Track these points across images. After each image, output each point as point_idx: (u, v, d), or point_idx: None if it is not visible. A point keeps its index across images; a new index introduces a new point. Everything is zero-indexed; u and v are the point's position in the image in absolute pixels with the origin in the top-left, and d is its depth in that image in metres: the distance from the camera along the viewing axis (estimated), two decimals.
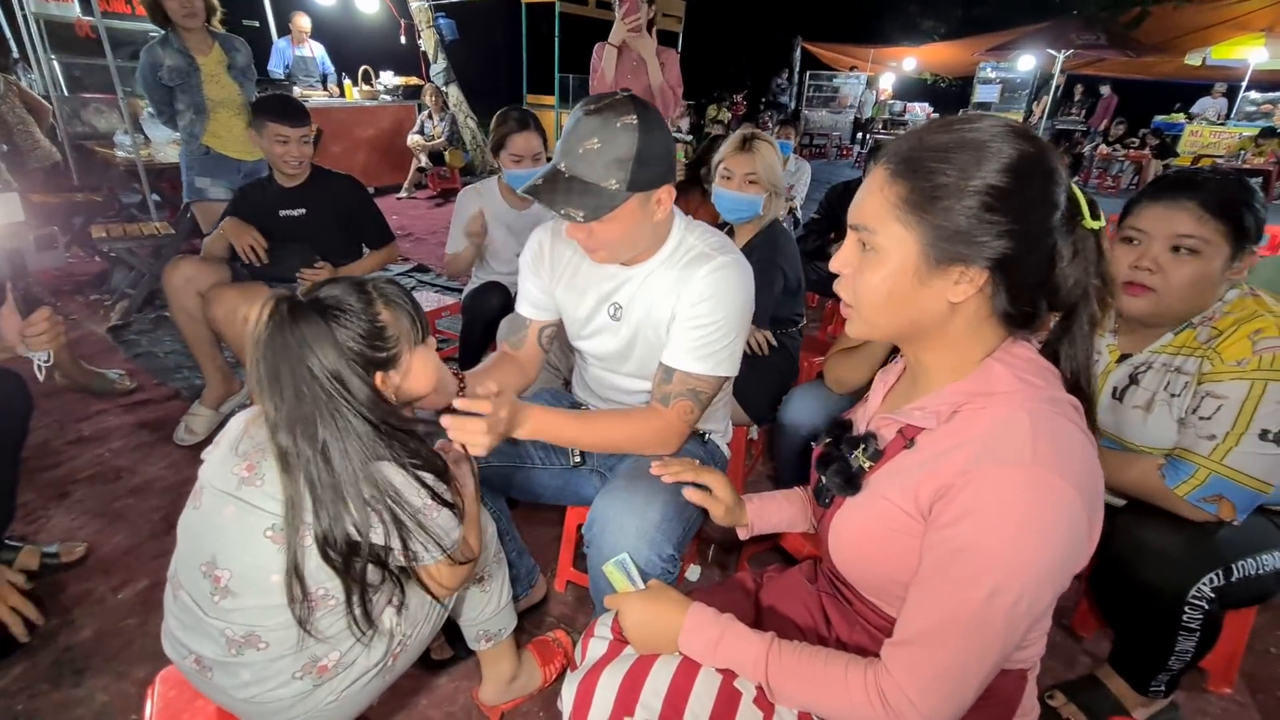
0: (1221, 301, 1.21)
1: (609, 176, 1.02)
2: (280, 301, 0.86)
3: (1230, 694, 1.46)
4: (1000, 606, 0.63)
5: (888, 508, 0.74)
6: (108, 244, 3.35)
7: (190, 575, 0.90)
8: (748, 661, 0.76)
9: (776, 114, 10.54)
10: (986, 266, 0.67)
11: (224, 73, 2.88)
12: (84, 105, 4.72)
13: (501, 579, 1.22)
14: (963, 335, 0.73)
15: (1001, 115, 0.70)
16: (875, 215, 0.71)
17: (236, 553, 0.87)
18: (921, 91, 15.70)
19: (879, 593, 0.80)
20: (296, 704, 0.92)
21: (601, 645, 0.91)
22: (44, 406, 2.40)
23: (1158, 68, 11.50)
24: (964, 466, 0.66)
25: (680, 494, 1.12)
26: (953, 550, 0.65)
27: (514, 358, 1.39)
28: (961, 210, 0.66)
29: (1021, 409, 0.67)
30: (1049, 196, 0.67)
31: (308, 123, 2.16)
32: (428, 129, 6.61)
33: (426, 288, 4.04)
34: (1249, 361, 1.12)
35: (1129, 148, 9.70)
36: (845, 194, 3.03)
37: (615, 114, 1.02)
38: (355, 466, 0.84)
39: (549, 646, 1.46)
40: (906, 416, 0.77)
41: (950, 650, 0.66)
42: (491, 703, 1.33)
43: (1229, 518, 1.15)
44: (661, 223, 1.16)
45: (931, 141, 0.69)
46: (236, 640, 0.88)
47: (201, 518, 0.91)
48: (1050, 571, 0.64)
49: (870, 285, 0.72)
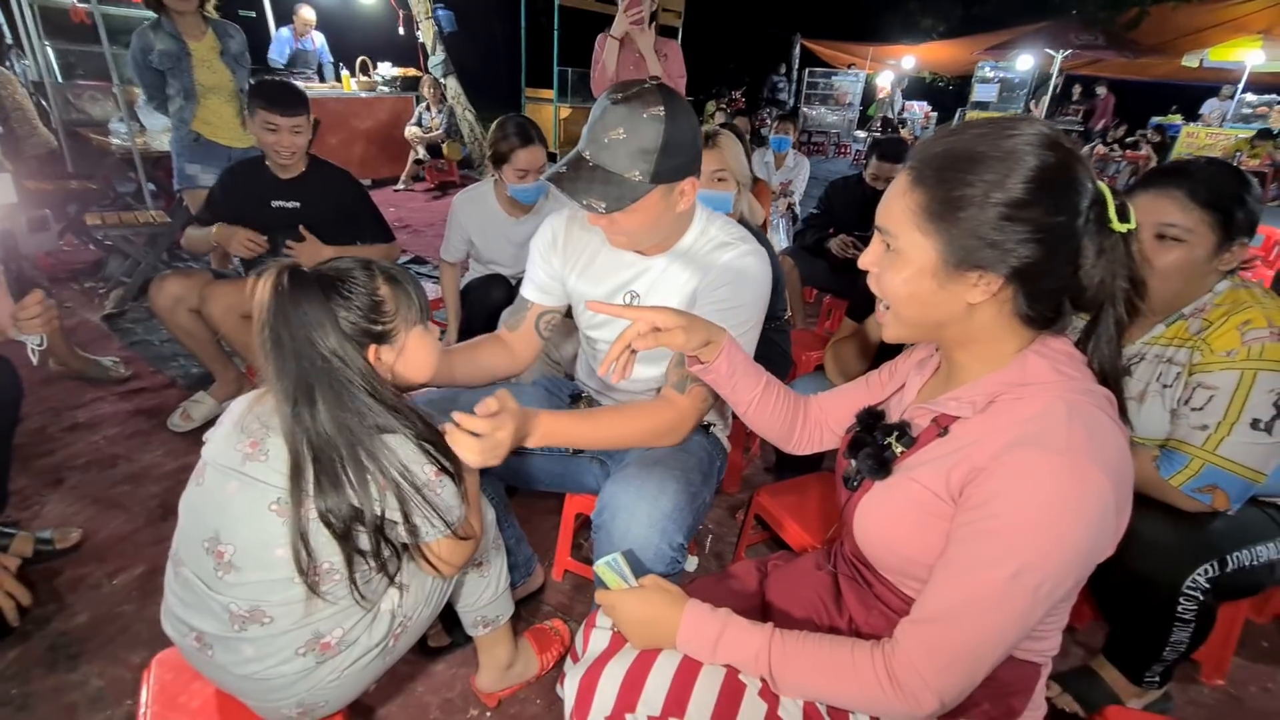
0: (1212, 293, 1.22)
1: (633, 168, 1.02)
2: (282, 271, 0.86)
3: (1223, 685, 1.48)
4: (1024, 587, 0.64)
5: (917, 490, 0.74)
6: (103, 231, 3.33)
7: (192, 552, 0.90)
8: (749, 656, 0.76)
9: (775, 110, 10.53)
10: (1004, 274, 0.69)
11: (216, 58, 2.85)
12: (79, 92, 4.68)
13: (499, 565, 1.22)
14: (988, 332, 0.74)
15: (1028, 122, 0.70)
16: (896, 219, 0.72)
17: (240, 528, 0.87)
18: (920, 90, 15.70)
19: (900, 574, 0.80)
20: (298, 681, 0.92)
21: (604, 637, 0.90)
22: (39, 394, 2.39)
23: (1155, 69, 11.55)
24: (997, 451, 0.67)
25: (692, 483, 1.12)
26: (982, 531, 0.66)
27: (501, 340, 1.37)
28: (979, 221, 0.67)
29: (1058, 399, 0.68)
30: (1071, 205, 0.67)
31: (302, 112, 2.07)
32: (425, 121, 6.58)
33: (423, 279, 4.03)
34: (1238, 352, 1.14)
35: (1127, 148, 9.73)
36: (844, 190, 3.03)
37: (642, 104, 1.01)
38: (358, 436, 0.85)
39: (546, 634, 1.47)
40: (941, 406, 0.78)
41: (969, 628, 0.66)
42: (489, 690, 1.33)
43: (1223, 508, 1.15)
44: (684, 214, 1.16)
45: (956, 149, 0.69)
46: (240, 615, 0.88)
47: (204, 494, 0.91)
48: (1076, 556, 0.65)
49: (893, 285, 0.75)
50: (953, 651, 0.67)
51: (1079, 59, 10.84)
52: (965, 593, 0.67)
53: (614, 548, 1.06)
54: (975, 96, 12.06)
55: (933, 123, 13.58)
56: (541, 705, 1.36)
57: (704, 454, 1.24)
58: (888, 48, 14.11)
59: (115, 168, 4.34)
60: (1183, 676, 1.46)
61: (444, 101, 6.81)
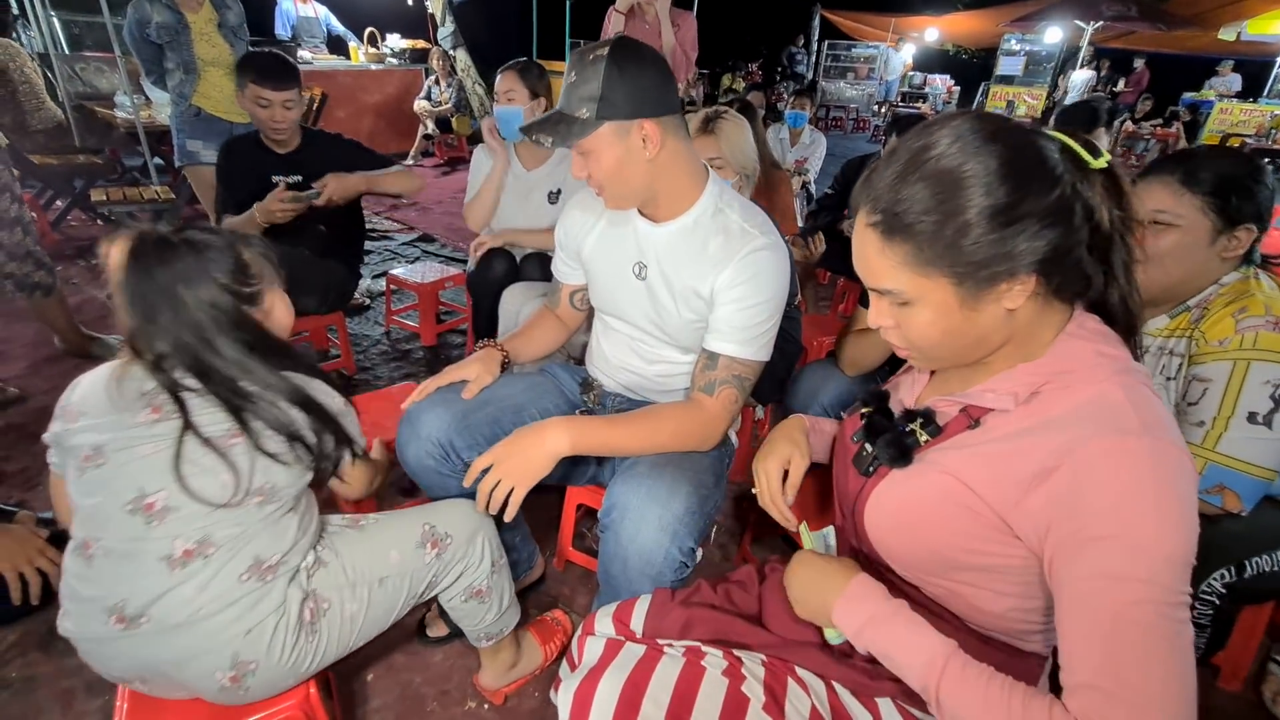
0: (1218, 284, 1.18)
1: (580, 107, 1.05)
2: (142, 238, 0.89)
3: (1240, 692, 1.43)
4: (1163, 588, 0.58)
5: (946, 480, 0.71)
6: (108, 207, 3.31)
7: (111, 524, 0.88)
8: (919, 660, 0.68)
9: (793, 84, 10.28)
10: (1033, 270, 0.65)
11: (215, 31, 2.79)
12: (84, 64, 4.64)
13: (501, 589, 1.19)
14: (1028, 326, 0.71)
15: (956, 119, 0.67)
16: (891, 277, 0.69)
17: (168, 476, 0.87)
18: (943, 63, 15.26)
19: (913, 568, 0.78)
20: (237, 620, 0.89)
21: (599, 645, 0.87)
22: (44, 372, 2.39)
23: (1190, 42, 11.09)
24: (1064, 445, 0.63)
25: (704, 485, 1.09)
26: (1089, 539, 0.60)
27: (552, 314, 1.47)
28: (977, 241, 0.64)
29: (1109, 382, 0.65)
30: (1051, 173, 0.64)
31: (294, 86, 2.00)
32: (435, 95, 6.47)
33: (431, 258, 3.99)
34: (1230, 341, 1.10)
35: (1157, 125, 9.41)
36: (861, 169, 2.92)
37: (591, 50, 1.05)
38: (264, 378, 0.92)
39: (548, 626, 1.45)
40: (974, 399, 0.74)
41: (1134, 666, 0.58)
42: (493, 688, 1.32)
43: (1235, 509, 1.11)
44: (670, 166, 1.12)
45: (907, 186, 0.65)
46: (184, 553, 0.87)
47: (112, 470, 0.89)
48: (1191, 533, 0.60)
49: (919, 331, 0.71)
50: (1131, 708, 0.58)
51: (1110, 31, 10.43)
52: (1104, 628, 0.59)
53: (622, 549, 1.03)
54: (1000, 70, 11.69)
55: (955, 97, 13.22)
56: (539, 699, 1.34)
57: (716, 454, 1.20)
58: (910, 19, 13.70)
59: (122, 142, 4.32)
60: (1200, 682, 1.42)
61: (453, 74, 6.69)
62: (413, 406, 1.22)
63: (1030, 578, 0.70)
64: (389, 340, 2.91)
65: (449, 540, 1.09)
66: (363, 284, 3.15)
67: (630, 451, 1.11)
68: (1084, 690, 0.60)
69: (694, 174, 1.17)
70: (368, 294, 3.29)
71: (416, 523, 1.09)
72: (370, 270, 3.64)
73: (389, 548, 1.05)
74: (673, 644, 0.83)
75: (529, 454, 1.03)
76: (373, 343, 2.87)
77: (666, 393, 1.33)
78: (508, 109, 2.04)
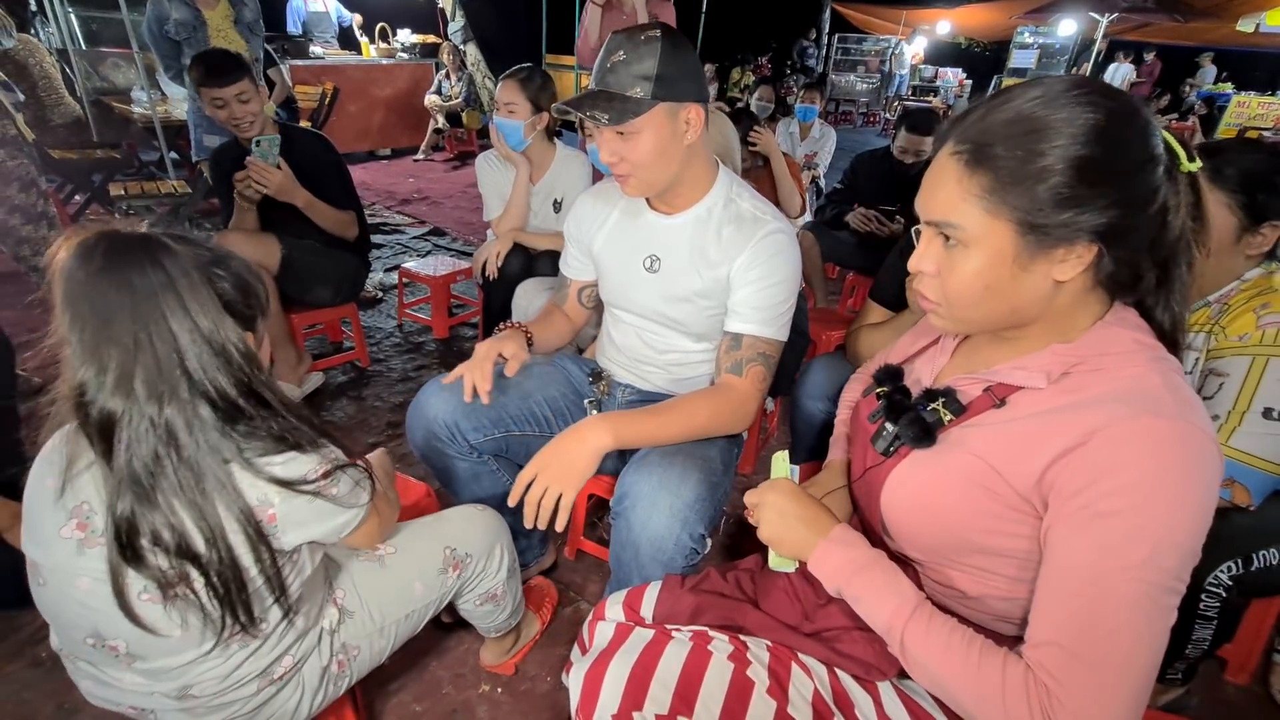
0: (1240, 280, 1.17)
1: (634, 85, 1.04)
2: (108, 235, 0.67)
3: (1248, 685, 1.44)
4: (1160, 570, 0.59)
5: (970, 460, 0.70)
6: (126, 201, 3.36)
7: (81, 650, 0.77)
8: (889, 605, 0.70)
9: (802, 78, 10.21)
10: (1095, 240, 0.63)
11: (231, 27, 2.84)
12: (102, 59, 4.69)
13: (514, 590, 1.22)
14: (1067, 309, 0.69)
15: (1067, 77, 0.66)
16: (958, 209, 0.66)
17: (119, 624, 0.71)
18: (955, 56, 15.10)
19: (932, 552, 0.77)
20: (263, 706, 0.87)
21: (609, 629, 0.89)
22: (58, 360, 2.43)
23: (1207, 34, 10.91)
24: (1096, 424, 0.62)
25: (714, 472, 1.11)
26: (1099, 513, 0.60)
27: (560, 310, 1.47)
28: (1057, 190, 0.61)
29: (1146, 367, 0.65)
30: (1149, 152, 0.62)
31: (242, 78, 1.96)
32: (445, 89, 6.49)
33: (442, 252, 4.02)
34: (1251, 336, 1.09)
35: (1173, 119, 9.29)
36: (870, 164, 2.92)
37: (641, 31, 1.05)
38: (209, 447, 0.70)
39: (536, 593, 1.50)
40: (1003, 376, 0.72)
41: (1104, 632, 0.59)
42: (495, 664, 1.36)
43: (1244, 503, 1.11)
44: (696, 154, 1.14)
45: (1013, 118, 0.64)
46: (176, 690, 0.80)
47: (54, 595, 0.73)
48: (1205, 522, 0.60)
49: (963, 281, 0.68)
50: (1094, 673, 0.59)
51: (1125, 23, 10.28)
52: (1089, 593, 0.60)
53: (633, 536, 1.05)
54: (1013, 63, 11.56)
55: (967, 91, 13.09)
56: (551, 683, 1.37)
57: (725, 442, 1.22)
58: (922, 11, 13.55)
59: (139, 136, 4.37)
60: (1208, 674, 1.43)
61: (463, 69, 6.71)
62: (421, 393, 1.26)
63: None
64: (401, 333, 2.94)
65: (470, 559, 1.10)
66: (375, 277, 3.18)
67: (670, 439, 1.11)
68: (1046, 646, 0.61)
69: (711, 164, 1.20)
70: (380, 287, 3.33)
71: (437, 547, 1.07)
72: (382, 264, 3.68)
73: (413, 580, 1.04)
74: (681, 629, 0.84)
75: (571, 455, 1.00)
76: (385, 335, 2.91)
77: (678, 381, 1.35)
78: (508, 122, 2.04)
